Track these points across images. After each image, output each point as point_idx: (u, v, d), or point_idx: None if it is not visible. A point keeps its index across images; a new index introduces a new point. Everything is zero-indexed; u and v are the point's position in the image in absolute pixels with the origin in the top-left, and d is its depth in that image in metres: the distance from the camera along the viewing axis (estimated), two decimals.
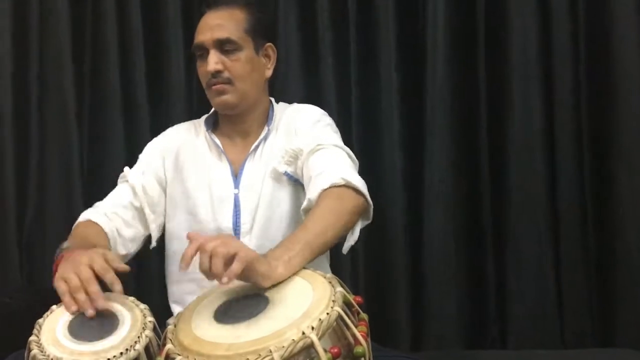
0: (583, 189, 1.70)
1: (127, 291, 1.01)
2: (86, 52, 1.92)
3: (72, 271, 0.97)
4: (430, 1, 1.73)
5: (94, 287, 0.96)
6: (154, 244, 1.38)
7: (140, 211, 1.35)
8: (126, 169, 1.39)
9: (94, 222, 1.28)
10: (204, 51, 1.31)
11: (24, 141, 1.96)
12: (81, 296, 0.95)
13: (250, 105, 1.35)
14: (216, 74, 1.29)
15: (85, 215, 1.31)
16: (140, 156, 1.42)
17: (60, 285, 0.97)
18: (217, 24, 1.30)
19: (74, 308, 0.95)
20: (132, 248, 1.34)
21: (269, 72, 1.38)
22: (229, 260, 0.91)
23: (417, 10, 1.77)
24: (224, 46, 1.29)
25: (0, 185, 1.97)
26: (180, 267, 0.92)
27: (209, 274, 0.91)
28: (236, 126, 1.38)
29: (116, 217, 1.31)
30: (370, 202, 1.18)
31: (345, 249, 1.16)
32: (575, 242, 1.69)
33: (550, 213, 1.68)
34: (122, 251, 1.31)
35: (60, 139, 1.93)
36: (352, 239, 1.15)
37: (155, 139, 1.45)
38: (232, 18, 1.31)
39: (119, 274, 1.01)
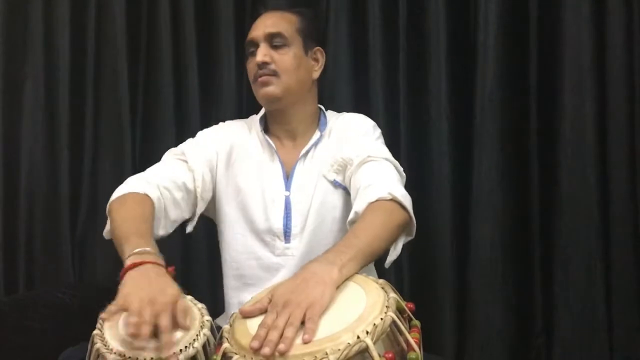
0: (636, 200, 1.65)
1: None
2: (141, 57, 1.98)
3: (148, 307, 0.91)
4: (482, 8, 1.70)
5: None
6: (190, 229, 1.36)
7: (192, 195, 1.33)
8: (183, 147, 1.38)
9: (146, 198, 1.22)
10: (254, 48, 1.35)
11: (78, 141, 2.02)
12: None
13: (293, 102, 1.37)
14: (263, 65, 1.32)
15: (139, 186, 1.24)
16: (195, 140, 1.41)
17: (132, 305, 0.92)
18: (270, 22, 1.36)
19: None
20: (171, 229, 1.31)
21: (316, 74, 1.41)
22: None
23: (469, 17, 1.75)
24: (274, 40, 1.34)
25: (55, 183, 2.05)
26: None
27: None
28: (282, 126, 1.40)
29: (167, 193, 1.27)
30: (414, 219, 1.19)
31: (388, 263, 1.17)
32: (627, 255, 1.64)
33: (601, 225, 1.63)
34: (161, 232, 1.28)
35: (114, 140, 1.99)
36: (394, 253, 1.17)
37: (209, 129, 1.45)
38: (284, 18, 1.38)
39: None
